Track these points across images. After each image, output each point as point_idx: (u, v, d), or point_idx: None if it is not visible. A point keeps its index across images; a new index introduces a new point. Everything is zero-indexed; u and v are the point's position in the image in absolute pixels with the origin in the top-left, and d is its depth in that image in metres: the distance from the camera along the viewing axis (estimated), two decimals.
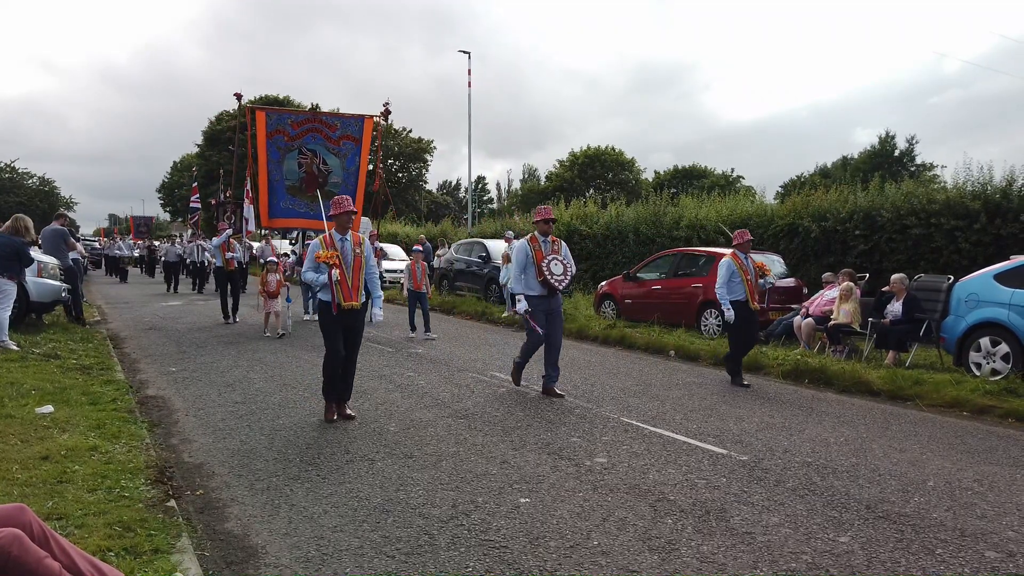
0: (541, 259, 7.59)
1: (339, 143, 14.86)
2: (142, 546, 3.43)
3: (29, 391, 6.50)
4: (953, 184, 13.88)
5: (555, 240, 7.84)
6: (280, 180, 14.65)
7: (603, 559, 3.61)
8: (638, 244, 19.00)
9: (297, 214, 15.05)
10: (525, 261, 7.65)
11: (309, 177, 14.74)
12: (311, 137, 14.69)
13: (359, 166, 15.17)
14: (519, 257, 7.71)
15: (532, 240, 7.74)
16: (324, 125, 14.89)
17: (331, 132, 14.81)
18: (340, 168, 14.95)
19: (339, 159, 14.95)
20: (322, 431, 5.98)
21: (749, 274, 8.42)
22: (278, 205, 14.82)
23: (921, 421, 6.81)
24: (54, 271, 11.10)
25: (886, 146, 49.49)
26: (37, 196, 66.23)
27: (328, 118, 14.96)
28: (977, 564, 3.62)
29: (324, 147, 14.79)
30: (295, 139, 14.61)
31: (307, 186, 14.64)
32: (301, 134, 14.63)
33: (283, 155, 14.60)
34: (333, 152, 14.88)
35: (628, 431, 6.18)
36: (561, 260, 7.69)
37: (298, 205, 14.92)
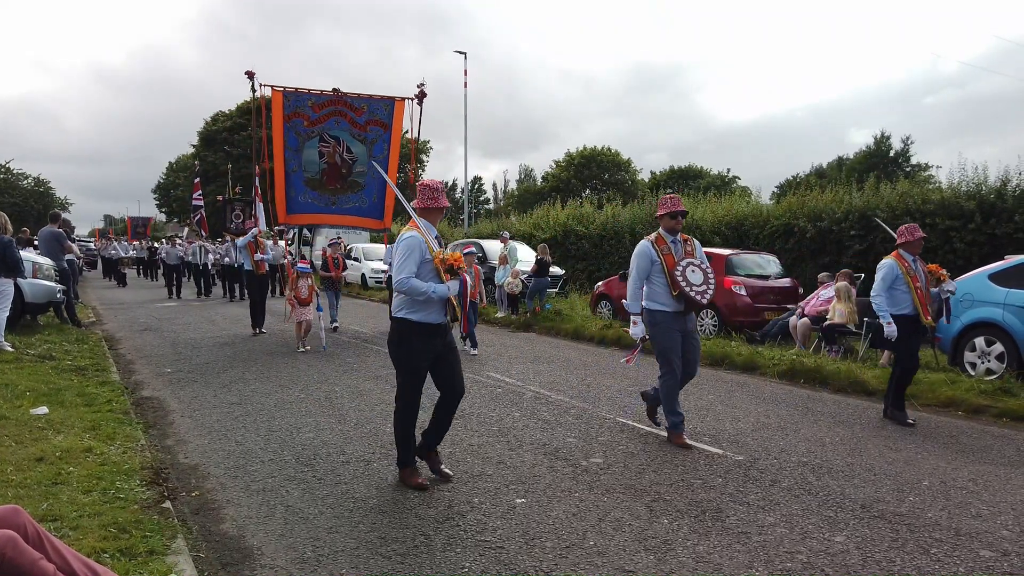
0: (673, 265, 5.88)
1: (366, 128, 13.17)
2: (137, 548, 3.43)
3: (24, 392, 6.48)
4: (948, 184, 13.94)
5: (687, 239, 6.16)
6: (298, 171, 12.99)
7: (599, 559, 3.62)
8: (634, 245, 18.98)
9: (316, 209, 13.41)
10: (649, 268, 5.95)
11: (331, 168, 13.17)
12: (334, 122, 12.97)
13: (388, 155, 13.40)
14: (640, 264, 5.96)
15: (658, 241, 6.03)
16: (349, 108, 13.05)
17: (357, 116, 13.07)
18: (366, 156, 13.30)
19: (365, 146, 13.27)
20: (317, 432, 5.97)
21: (919, 281, 6.75)
22: (296, 199, 13.11)
23: (916, 420, 6.82)
24: (49, 272, 11.08)
25: (881, 146, 49.63)
26: (32, 197, 65.95)
27: (354, 100, 13.11)
28: (972, 563, 3.63)
29: (349, 133, 13.12)
30: (316, 123, 12.91)
31: (328, 179, 13.18)
32: (323, 118, 12.93)
33: (302, 142, 12.93)
34: (359, 138, 13.20)
35: (624, 431, 6.18)
36: (699, 265, 5.96)
37: (317, 199, 13.32)
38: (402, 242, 4.54)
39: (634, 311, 5.99)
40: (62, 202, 71.12)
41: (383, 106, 13.20)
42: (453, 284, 4.52)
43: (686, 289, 5.81)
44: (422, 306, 4.53)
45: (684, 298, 5.85)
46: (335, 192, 13.20)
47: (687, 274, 5.87)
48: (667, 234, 6.08)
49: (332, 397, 7.33)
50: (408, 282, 4.44)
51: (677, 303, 5.88)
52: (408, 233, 4.62)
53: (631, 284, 6.02)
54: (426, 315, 4.55)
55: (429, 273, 4.54)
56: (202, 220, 28.62)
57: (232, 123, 47.04)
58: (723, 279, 11.81)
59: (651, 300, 5.96)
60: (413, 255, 4.50)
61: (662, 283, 5.90)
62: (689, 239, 6.20)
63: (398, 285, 4.46)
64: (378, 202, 13.50)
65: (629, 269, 6.11)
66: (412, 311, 4.55)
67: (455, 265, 4.52)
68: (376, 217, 13.65)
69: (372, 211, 13.55)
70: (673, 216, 6.03)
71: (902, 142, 49.58)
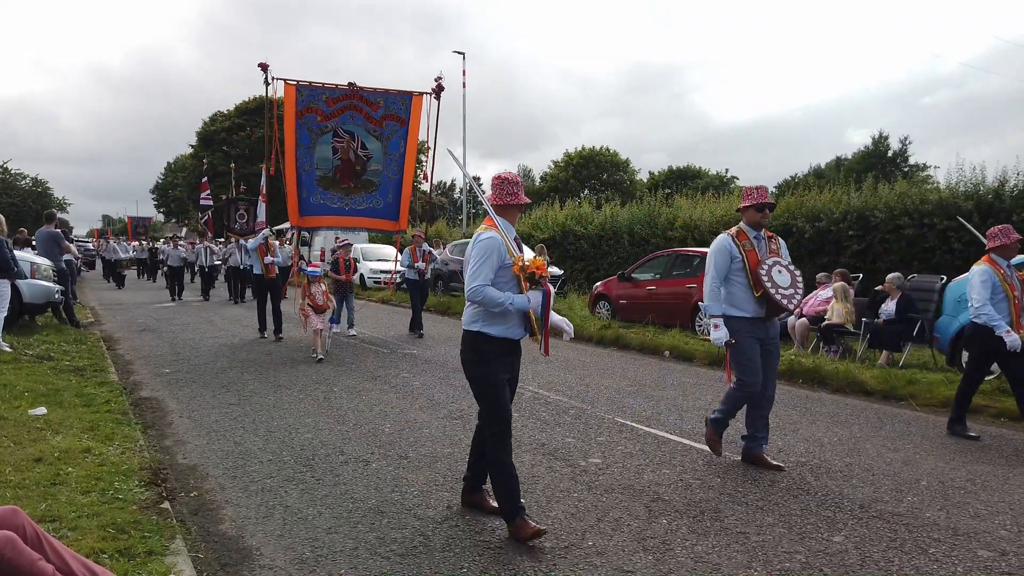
0: (756, 264, 5.20)
1: (381, 124, 12.61)
2: (136, 548, 3.42)
3: (22, 393, 6.47)
4: (946, 184, 13.96)
5: (771, 236, 5.48)
6: (310, 170, 12.40)
7: (598, 559, 3.62)
8: (632, 245, 19.03)
9: (329, 211, 12.77)
10: (728, 266, 5.26)
11: (345, 165, 12.60)
12: (349, 116, 12.37)
13: (404, 152, 12.88)
14: (719, 261, 5.27)
15: (740, 236, 5.33)
16: (364, 102, 12.46)
17: (372, 111, 12.50)
18: (381, 153, 12.76)
19: (380, 143, 12.72)
20: (316, 433, 5.97)
21: (1016, 289, 6.10)
22: (307, 200, 12.50)
23: (914, 421, 6.84)
24: (47, 272, 11.07)
25: (879, 147, 49.70)
26: (30, 197, 65.90)
27: (370, 94, 12.52)
28: (970, 563, 3.64)
29: (364, 128, 12.55)
30: (330, 118, 12.29)
31: (342, 176, 12.61)
32: (337, 112, 12.31)
33: (315, 139, 12.32)
34: (374, 134, 12.64)
35: (623, 431, 6.18)
36: (786, 266, 5.30)
37: (331, 199, 12.69)
38: (479, 243, 3.91)
39: (715, 312, 5.24)
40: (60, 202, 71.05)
41: (400, 101, 12.67)
42: (535, 295, 3.87)
43: (771, 291, 5.10)
44: (500, 318, 3.90)
45: (768, 301, 5.15)
46: (348, 192, 12.68)
47: (773, 274, 5.18)
48: (750, 229, 5.35)
49: (331, 397, 7.33)
50: (483, 291, 3.81)
51: (758, 307, 5.19)
52: (486, 233, 3.95)
53: (709, 283, 5.28)
54: (505, 328, 3.93)
55: (507, 281, 3.91)
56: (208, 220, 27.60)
57: (231, 123, 47.02)
58: None
59: (728, 304, 5.26)
60: (490, 259, 3.86)
61: (742, 284, 5.21)
62: (774, 236, 5.51)
63: (472, 294, 3.83)
64: (393, 203, 13.05)
65: (706, 267, 5.41)
66: (490, 324, 3.92)
67: (537, 274, 3.86)
68: (391, 218, 13.19)
69: (387, 212, 13.10)
70: (760, 209, 5.31)
71: (900, 142, 49.71)
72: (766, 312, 5.21)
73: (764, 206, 5.32)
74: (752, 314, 5.20)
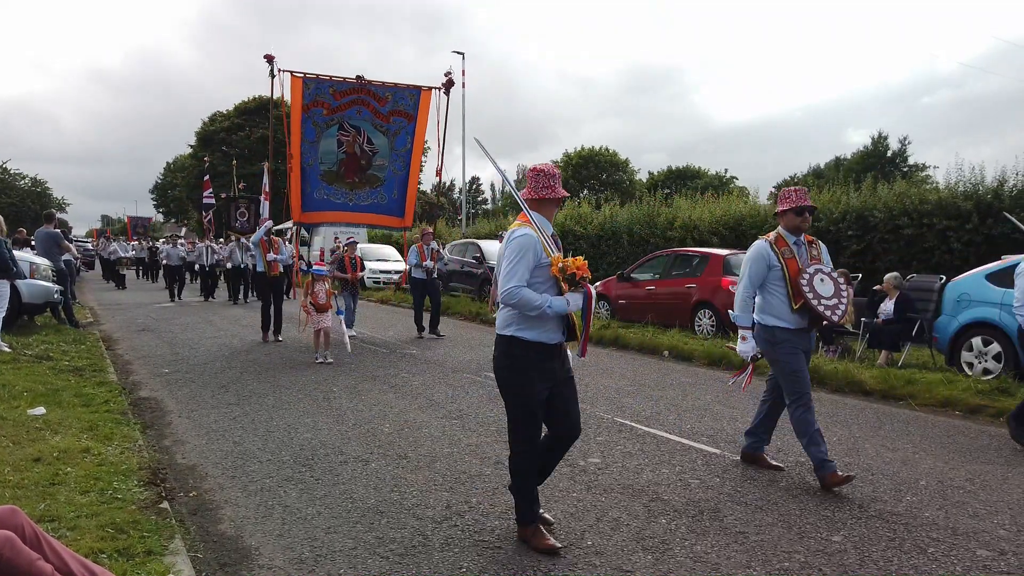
0: (798, 272, 4.80)
1: (389, 119, 12.31)
2: (135, 548, 3.42)
3: (21, 393, 6.47)
4: (945, 184, 13.95)
5: (812, 241, 5.07)
6: (314, 165, 12.06)
7: (597, 559, 3.62)
8: (632, 245, 19.02)
9: (332, 206, 12.47)
10: (765, 275, 4.87)
11: (350, 159, 12.27)
12: (355, 111, 12.07)
13: (411, 148, 12.60)
14: (755, 269, 4.89)
15: (778, 242, 4.91)
16: (372, 96, 12.15)
17: (380, 106, 12.19)
18: (388, 148, 12.48)
19: (387, 138, 12.41)
20: (315, 432, 5.97)
21: None
22: (311, 196, 12.17)
23: (913, 420, 6.84)
24: (46, 272, 11.07)
25: (879, 147, 49.74)
26: (29, 197, 65.95)
27: (378, 88, 12.19)
28: (969, 563, 3.64)
29: (371, 123, 12.24)
30: (336, 111, 11.97)
31: (347, 170, 12.29)
32: (344, 106, 12.00)
33: (320, 133, 11.98)
34: (381, 130, 12.33)
35: (622, 431, 6.18)
36: (828, 273, 4.88)
37: (334, 195, 12.38)
38: (512, 241, 3.63)
39: (744, 324, 4.94)
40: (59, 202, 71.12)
41: (408, 96, 12.34)
42: (574, 298, 3.57)
43: (813, 302, 4.74)
44: (536, 322, 3.61)
45: (809, 312, 4.81)
46: (353, 187, 12.38)
47: (815, 284, 4.78)
48: (789, 234, 4.94)
49: (330, 397, 7.33)
50: (519, 292, 3.53)
51: (799, 318, 4.82)
52: (520, 230, 3.65)
53: (741, 292, 4.96)
54: (542, 333, 3.63)
55: (544, 282, 3.63)
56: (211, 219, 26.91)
57: (230, 123, 47.05)
58: (721, 279, 11.85)
59: (767, 314, 4.91)
60: (525, 258, 3.57)
61: (782, 293, 4.83)
62: (815, 241, 5.10)
63: (506, 296, 3.56)
64: (399, 198, 12.76)
65: (739, 274, 5.07)
66: (524, 328, 3.63)
67: (578, 274, 3.57)
68: (396, 215, 12.92)
69: (392, 208, 12.83)
70: (799, 212, 4.87)
71: (899, 142, 49.74)
72: (808, 322, 4.88)
73: (804, 209, 4.88)
74: (794, 325, 4.85)
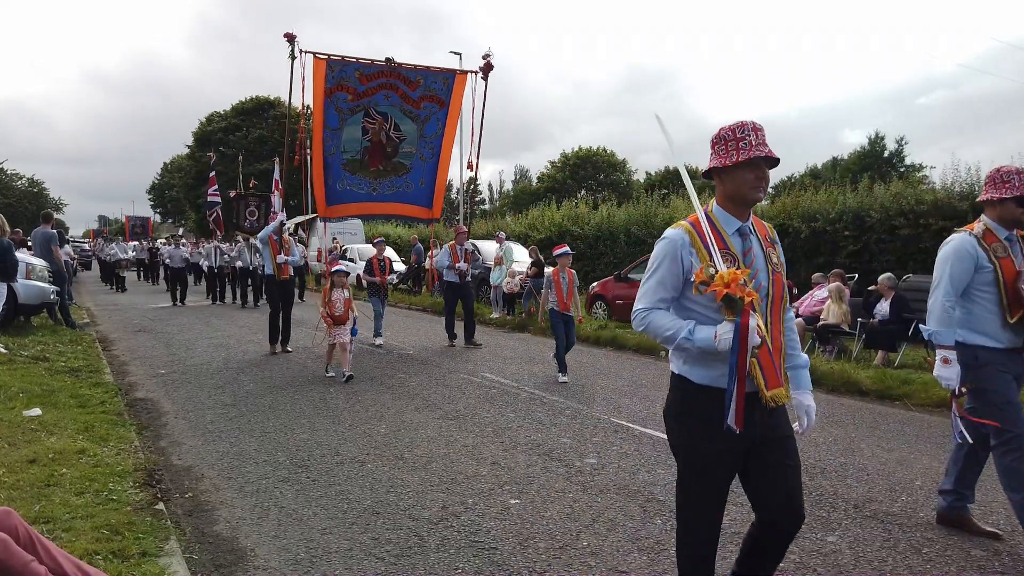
0: (1015, 276, 3.76)
1: (419, 104, 11.49)
2: (130, 549, 3.42)
3: (17, 394, 6.46)
4: (941, 185, 14.00)
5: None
6: (336, 154, 11.25)
7: (592, 560, 3.62)
8: (629, 245, 19.05)
9: (356, 197, 11.64)
10: (969, 278, 3.81)
11: (374, 147, 11.51)
12: (383, 96, 11.26)
13: (442, 135, 11.80)
14: (958, 270, 3.81)
15: (987, 237, 3.85)
16: (402, 80, 11.29)
17: (410, 90, 11.37)
18: (416, 135, 11.67)
19: (416, 124, 11.61)
20: (312, 433, 5.96)
21: None
22: (333, 187, 11.40)
23: (909, 421, 6.86)
24: (43, 273, 11.05)
25: (876, 147, 49.78)
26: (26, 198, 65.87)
27: (408, 72, 11.31)
28: (963, 562, 3.65)
29: (399, 109, 11.45)
30: (362, 97, 11.15)
31: (371, 158, 11.51)
32: (371, 91, 11.15)
33: (343, 120, 11.15)
34: (410, 115, 11.54)
35: (619, 432, 6.19)
36: None
37: (358, 185, 11.59)
38: (656, 246, 2.77)
39: (945, 342, 3.81)
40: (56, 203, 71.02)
41: (441, 80, 11.54)
42: (725, 330, 2.43)
43: None
44: (706, 358, 2.56)
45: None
46: (377, 175, 11.63)
47: None
48: (1000, 228, 3.87)
49: (326, 398, 7.32)
50: (648, 317, 2.63)
51: (1014, 335, 3.78)
52: (672, 231, 2.73)
53: (940, 301, 3.83)
54: (711, 374, 2.57)
55: (700, 303, 2.58)
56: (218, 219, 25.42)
57: (227, 124, 46.97)
58: None
59: (968, 329, 3.84)
60: (660, 269, 2.66)
61: (991, 302, 3.78)
62: None
63: (633, 322, 2.70)
64: (426, 187, 12.07)
65: (933, 276, 3.96)
66: (691, 364, 2.63)
67: (739, 293, 2.40)
68: (423, 204, 12.18)
69: (419, 197, 12.08)
70: (1021, 202, 3.80)
71: (896, 143, 49.76)
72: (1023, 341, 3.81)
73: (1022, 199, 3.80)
74: (1006, 344, 3.78)
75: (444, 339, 11.49)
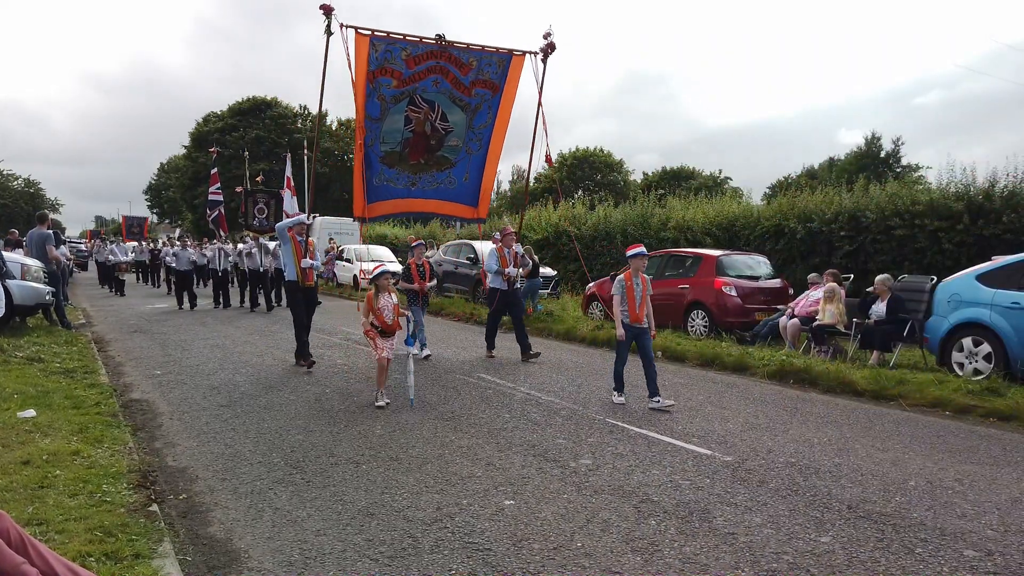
0: None
1: (470, 91, 10.32)
2: (123, 551, 3.42)
3: (11, 395, 6.45)
4: (937, 185, 14.03)
5: None
6: (374, 146, 10.15)
7: (586, 560, 3.63)
8: (626, 245, 19.04)
9: (394, 193, 10.44)
10: None
11: (417, 138, 10.35)
12: (432, 81, 10.04)
13: (492, 125, 10.65)
14: None
15: None
16: (453, 63, 10.06)
17: (462, 74, 10.14)
18: (464, 126, 10.53)
19: (465, 114, 10.46)
20: (307, 434, 5.96)
21: None
22: (371, 183, 10.26)
23: (904, 421, 6.87)
24: (38, 274, 11.02)
25: (872, 147, 49.83)
26: (22, 198, 65.74)
27: (461, 52, 10.07)
28: (956, 563, 3.66)
29: (448, 96, 10.29)
30: (409, 82, 9.92)
31: (412, 151, 10.37)
32: (419, 76, 9.93)
33: (385, 109, 9.97)
34: (459, 104, 10.36)
35: (613, 432, 6.19)
36: None
37: (395, 179, 10.41)
38: None
39: None
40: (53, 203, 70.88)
41: (497, 62, 10.35)
42: None
43: None
44: None
45: None
46: (417, 169, 10.54)
47: None
48: None
49: (322, 399, 7.32)
50: None
51: None
52: None
53: None
54: None
55: None
56: (220, 218, 23.57)
57: (224, 124, 46.94)
58: (714, 280, 11.89)
59: None
60: None
61: None
62: None
63: None
64: (471, 184, 10.97)
65: None
66: None
67: None
68: (467, 203, 11.11)
69: (462, 194, 11.01)
70: None
71: (893, 143, 49.82)
72: None
73: None
74: None
75: (443, 340, 11.47)
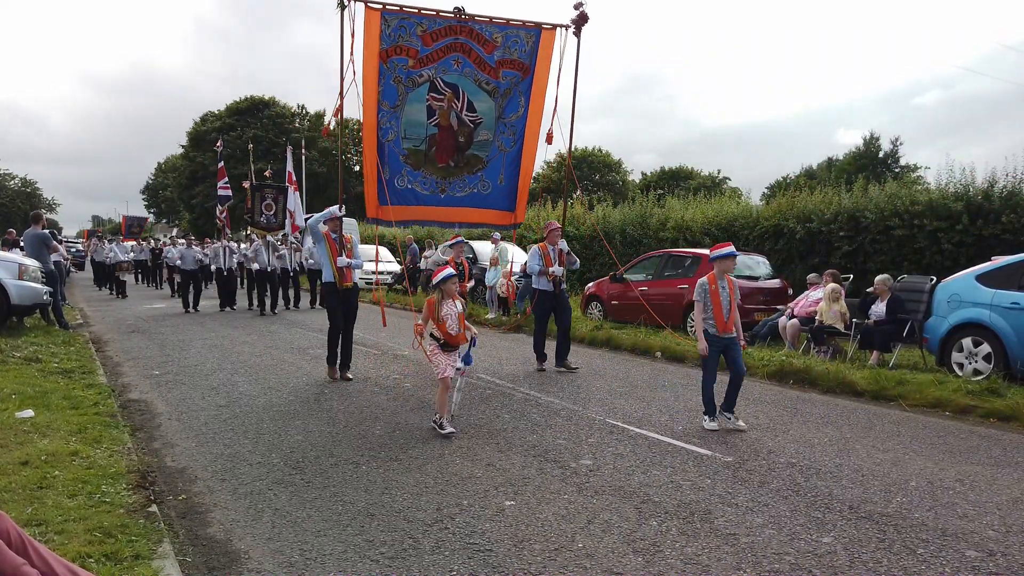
0: None
1: (497, 72, 9.14)
2: (122, 552, 3.40)
3: (9, 395, 6.43)
4: (936, 185, 14.03)
5: None
6: (395, 140, 9.06)
7: (587, 561, 3.62)
8: (625, 245, 19.05)
9: (420, 199, 9.35)
10: None
11: (443, 134, 9.21)
12: (452, 60, 8.93)
13: (525, 115, 9.45)
14: None
15: None
16: (476, 39, 8.95)
17: (486, 52, 9.00)
18: (494, 117, 9.33)
19: (494, 101, 9.29)
20: (306, 435, 5.94)
21: None
22: (391, 183, 9.12)
23: (904, 421, 6.87)
24: (36, 274, 11.00)
25: (871, 147, 49.88)
26: (19, 198, 65.68)
27: (483, 27, 8.96)
28: (958, 563, 3.65)
29: (472, 79, 9.12)
30: (426, 63, 8.86)
31: (439, 151, 9.23)
32: (437, 54, 8.84)
33: (403, 95, 8.92)
34: (486, 88, 9.19)
35: (614, 433, 6.18)
36: None
37: (422, 184, 9.32)
38: None
39: None
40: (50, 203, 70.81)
41: (525, 37, 9.18)
42: None
43: None
44: None
45: None
46: (447, 174, 9.43)
47: None
48: None
49: (321, 399, 7.30)
50: None
51: None
52: None
53: None
54: None
55: None
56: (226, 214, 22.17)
57: (222, 123, 46.92)
58: None
59: None
60: None
61: None
62: None
63: None
64: (507, 186, 9.80)
65: None
66: None
67: None
68: (503, 208, 9.96)
69: (497, 199, 9.84)
70: None
71: (891, 143, 49.88)
72: None
73: None
74: None
75: None
